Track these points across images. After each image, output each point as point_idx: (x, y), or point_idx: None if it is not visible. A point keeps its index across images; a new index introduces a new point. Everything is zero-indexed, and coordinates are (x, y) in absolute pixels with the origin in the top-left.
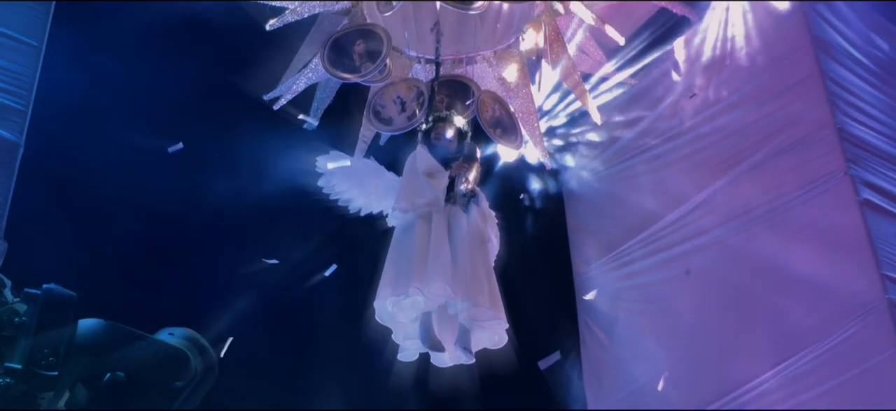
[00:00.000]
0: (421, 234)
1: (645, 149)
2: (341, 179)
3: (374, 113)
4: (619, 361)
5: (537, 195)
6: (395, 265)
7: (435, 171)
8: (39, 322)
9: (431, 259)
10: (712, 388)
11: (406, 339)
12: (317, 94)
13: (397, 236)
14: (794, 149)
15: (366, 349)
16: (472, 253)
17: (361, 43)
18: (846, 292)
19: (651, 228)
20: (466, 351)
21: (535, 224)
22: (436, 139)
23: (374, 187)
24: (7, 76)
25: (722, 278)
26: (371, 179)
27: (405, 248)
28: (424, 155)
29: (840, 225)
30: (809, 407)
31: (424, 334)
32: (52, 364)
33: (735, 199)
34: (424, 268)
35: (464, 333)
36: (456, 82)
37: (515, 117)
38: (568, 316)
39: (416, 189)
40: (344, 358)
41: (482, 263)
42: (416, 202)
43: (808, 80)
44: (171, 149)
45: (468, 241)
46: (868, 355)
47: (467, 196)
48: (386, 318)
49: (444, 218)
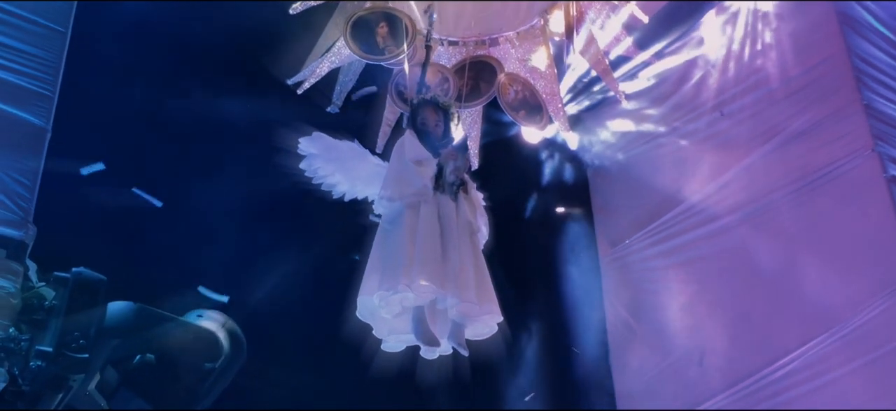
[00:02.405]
0: (409, 226)
1: (671, 130)
2: (325, 162)
3: (397, 93)
4: (646, 342)
5: (562, 176)
6: (380, 258)
7: (423, 159)
8: (69, 305)
9: (419, 253)
10: (740, 367)
11: (390, 333)
12: (339, 77)
13: (383, 226)
14: (821, 127)
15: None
16: (460, 245)
17: (385, 25)
18: (875, 269)
19: (677, 208)
20: (460, 346)
21: (560, 205)
22: (422, 125)
23: (360, 172)
24: (33, 62)
25: (749, 257)
26: (355, 163)
27: (392, 240)
28: (412, 142)
29: (868, 202)
30: (840, 384)
31: (418, 328)
32: (82, 346)
33: (762, 178)
34: (412, 263)
35: (456, 328)
36: (481, 63)
37: (541, 97)
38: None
39: (404, 177)
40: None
41: (472, 255)
42: (404, 191)
43: (834, 57)
44: (85, 171)
45: (457, 233)
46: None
47: (456, 185)
48: (366, 314)
49: (433, 208)
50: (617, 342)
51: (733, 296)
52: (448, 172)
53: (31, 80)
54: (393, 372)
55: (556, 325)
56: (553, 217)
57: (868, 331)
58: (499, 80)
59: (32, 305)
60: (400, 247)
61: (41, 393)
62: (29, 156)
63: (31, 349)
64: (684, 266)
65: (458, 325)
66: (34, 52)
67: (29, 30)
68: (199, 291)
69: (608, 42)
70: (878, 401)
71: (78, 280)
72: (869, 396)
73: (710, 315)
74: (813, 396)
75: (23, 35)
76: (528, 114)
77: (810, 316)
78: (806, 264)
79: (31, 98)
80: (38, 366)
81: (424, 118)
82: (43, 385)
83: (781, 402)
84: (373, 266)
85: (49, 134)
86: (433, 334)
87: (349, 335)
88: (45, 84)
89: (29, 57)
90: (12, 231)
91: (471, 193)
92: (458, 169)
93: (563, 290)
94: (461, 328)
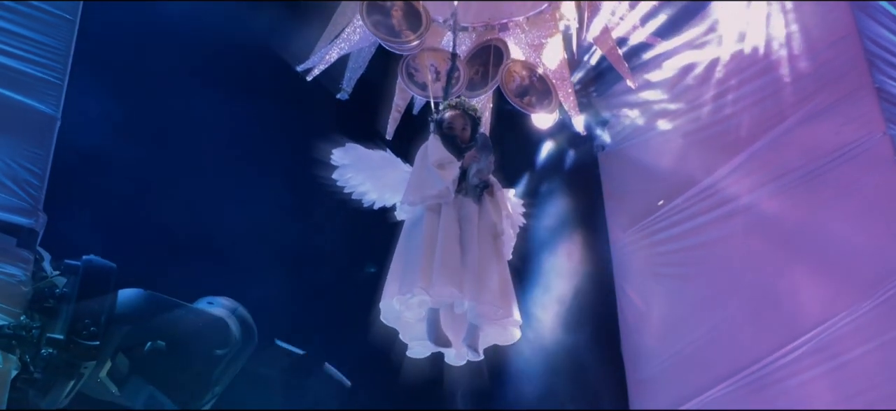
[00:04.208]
0: (429, 229)
1: (680, 114)
2: (356, 172)
3: (408, 75)
4: (658, 328)
5: (572, 161)
6: (402, 262)
7: (446, 162)
8: (80, 292)
9: (438, 256)
10: (751, 352)
11: (413, 340)
12: (349, 63)
13: (406, 230)
14: (832, 110)
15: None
16: (481, 248)
17: (399, 8)
18: (886, 253)
19: (687, 192)
20: (473, 349)
21: (570, 191)
22: (448, 129)
23: (390, 180)
24: (43, 50)
25: (760, 241)
26: (386, 171)
27: (413, 244)
28: (436, 145)
29: (879, 185)
30: (854, 366)
31: (431, 330)
32: (93, 333)
33: (773, 162)
34: (431, 266)
35: (472, 331)
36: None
37: (549, 81)
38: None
39: (426, 181)
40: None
41: (493, 259)
42: (425, 194)
43: (845, 40)
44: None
45: (478, 236)
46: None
47: (480, 187)
48: (392, 319)
49: (455, 210)
50: (628, 328)
51: (744, 280)
52: (471, 174)
53: (40, 69)
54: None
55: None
56: (563, 202)
57: (879, 315)
58: (504, 68)
59: (43, 293)
60: (419, 250)
61: (53, 381)
62: (38, 145)
63: (42, 336)
64: (695, 250)
65: (474, 328)
66: (43, 41)
67: (38, 17)
68: (277, 344)
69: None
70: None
71: (88, 267)
72: (882, 378)
73: (722, 299)
74: (827, 378)
75: (31, 23)
76: (538, 100)
77: (823, 300)
78: (816, 248)
79: (40, 86)
80: (50, 354)
81: (451, 122)
82: (54, 372)
83: (795, 384)
84: (394, 270)
85: (58, 122)
86: (446, 336)
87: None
88: (54, 72)
89: (38, 45)
90: (22, 219)
91: (497, 196)
92: (481, 171)
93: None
94: (477, 331)
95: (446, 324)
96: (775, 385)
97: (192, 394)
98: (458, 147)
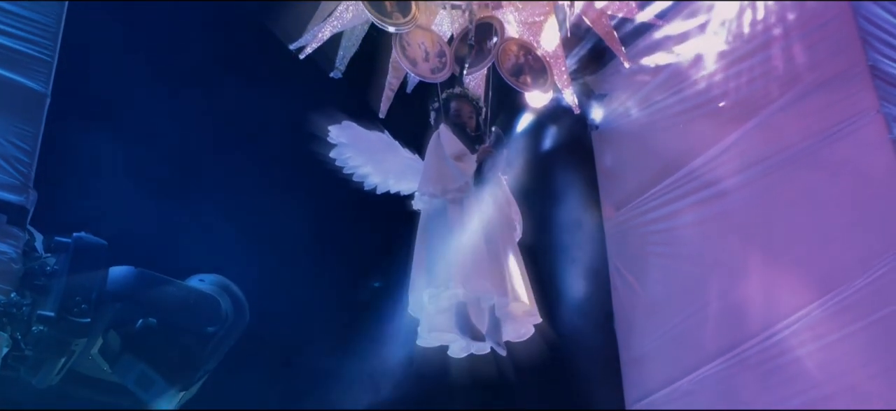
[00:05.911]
0: (455, 223)
1: (674, 92)
2: (355, 153)
3: (401, 47)
4: (651, 306)
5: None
6: (426, 254)
7: (462, 155)
8: (71, 270)
9: (469, 252)
10: (746, 328)
11: (431, 331)
12: (342, 42)
13: (425, 222)
14: (826, 89)
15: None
16: (503, 242)
17: None
18: (879, 230)
19: (681, 170)
20: (499, 344)
21: (564, 169)
22: (455, 117)
23: (391, 165)
24: (32, 26)
25: (754, 219)
26: (386, 155)
27: (436, 237)
28: (449, 137)
29: (873, 163)
30: (845, 344)
31: (464, 324)
32: (84, 311)
33: (766, 140)
34: (463, 261)
35: (496, 325)
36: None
37: (544, 60)
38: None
39: (446, 173)
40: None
41: (514, 253)
42: (447, 187)
43: (839, 18)
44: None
45: (499, 231)
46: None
47: (495, 180)
48: (418, 310)
49: (475, 204)
50: (621, 306)
51: (738, 258)
52: (487, 168)
53: (30, 45)
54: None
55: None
56: (556, 180)
57: (874, 291)
58: (498, 46)
59: (34, 270)
60: (447, 244)
61: (44, 358)
62: (28, 121)
63: (33, 314)
64: (688, 228)
65: (497, 321)
66: (32, 17)
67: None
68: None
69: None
70: (879, 361)
71: (79, 244)
72: (868, 357)
73: (716, 277)
74: (816, 356)
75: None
76: (533, 79)
77: (814, 278)
78: (810, 226)
79: (29, 63)
80: (41, 331)
81: (458, 111)
82: (45, 349)
83: (787, 362)
84: (419, 263)
85: (48, 99)
86: (479, 330)
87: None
88: (43, 49)
89: (27, 21)
90: (12, 196)
91: (505, 189)
92: (496, 165)
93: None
94: (500, 325)
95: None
96: (769, 362)
97: (183, 371)
98: (469, 136)
